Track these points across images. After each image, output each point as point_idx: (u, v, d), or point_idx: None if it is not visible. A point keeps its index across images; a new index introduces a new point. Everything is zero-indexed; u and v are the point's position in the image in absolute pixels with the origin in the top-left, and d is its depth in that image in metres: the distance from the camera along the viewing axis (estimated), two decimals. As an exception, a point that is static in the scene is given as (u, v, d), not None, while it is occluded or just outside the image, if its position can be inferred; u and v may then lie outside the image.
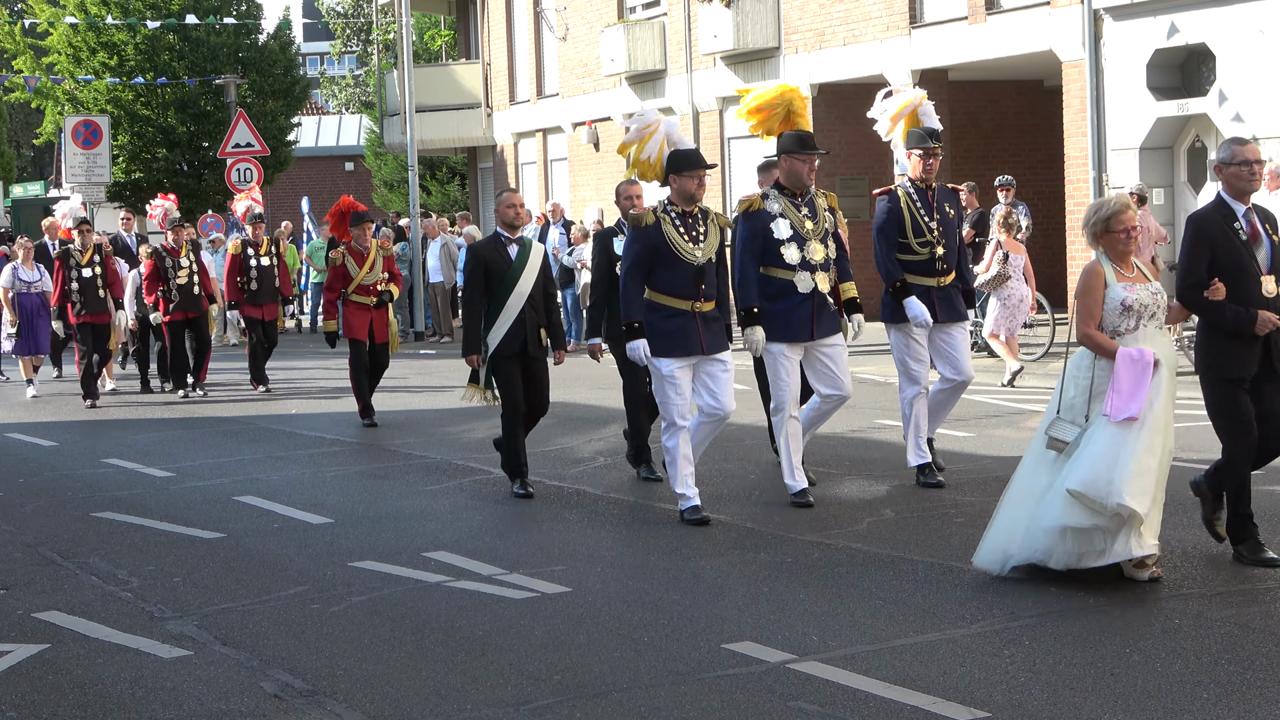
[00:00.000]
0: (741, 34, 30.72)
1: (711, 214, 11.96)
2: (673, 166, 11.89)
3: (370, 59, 66.41)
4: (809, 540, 10.95)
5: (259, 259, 22.80)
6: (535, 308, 13.17)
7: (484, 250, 13.36)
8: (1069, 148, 24.85)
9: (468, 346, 13.37)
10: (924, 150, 13.04)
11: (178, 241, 22.18)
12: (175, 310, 21.93)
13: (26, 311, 23.22)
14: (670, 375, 11.60)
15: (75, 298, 21.57)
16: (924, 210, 12.93)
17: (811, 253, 12.08)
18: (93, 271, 21.70)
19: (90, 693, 8.01)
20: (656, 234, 11.66)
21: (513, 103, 41.39)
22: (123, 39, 42.77)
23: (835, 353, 12.25)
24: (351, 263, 18.25)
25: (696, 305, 11.70)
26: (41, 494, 14.32)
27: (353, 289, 18.20)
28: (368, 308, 18.28)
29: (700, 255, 11.68)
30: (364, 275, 18.19)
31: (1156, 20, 22.91)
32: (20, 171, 76.31)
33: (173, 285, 21.88)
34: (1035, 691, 7.42)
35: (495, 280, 13.09)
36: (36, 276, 23.48)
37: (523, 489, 13.16)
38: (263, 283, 22.74)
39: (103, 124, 36.28)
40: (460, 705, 7.58)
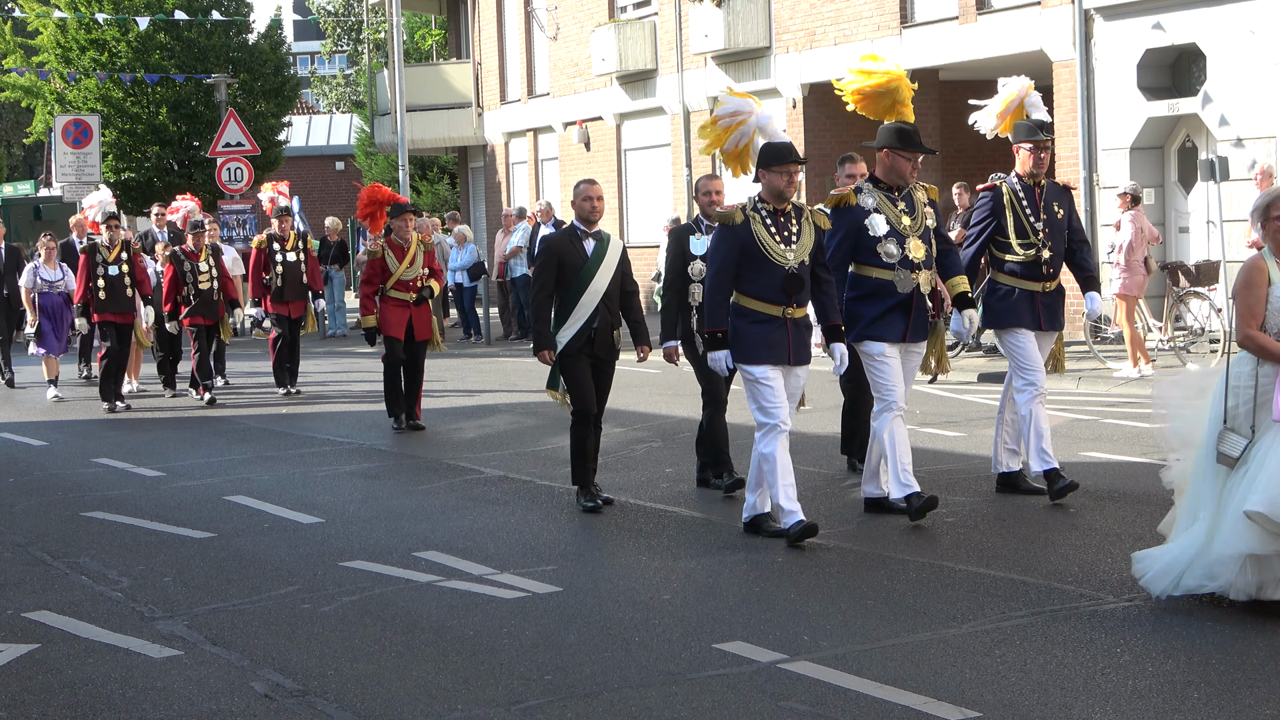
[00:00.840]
0: (732, 33, 30.73)
1: (806, 212, 11.17)
2: (763, 161, 11.11)
3: (361, 58, 66.39)
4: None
5: (284, 254, 21.84)
6: (610, 308, 12.43)
7: (558, 243, 12.53)
8: (1060, 148, 24.85)
9: (540, 342, 12.49)
10: (1034, 143, 12.28)
11: (198, 245, 21.40)
12: (192, 314, 21.23)
13: (48, 311, 22.61)
14: (764, 377, 10.92)
15: (100, 295, 20.61)
16: (1030, 209, 12.16)
17: (911, 250, 11.42)
18: (119, 269, 20.79)
19: (80, 692, 8.00)
20: (745, 234, 10.88)
21: (504, 102, 41.39)
22: (113, 36, 42.71)
23: (913, 362, 11.73)
24: (391, 256, 17.44)
25: (788, 311, 10.92)
26: (31, 494, 14.30)
27: (391, 284, 17.41)
28: (406, 304, 17.49)
29: (792, 257, 10.88)
30: (404, 270, 17.43)
31: (1147, 20, 22.93)
32: (10, 171, 76.21)
33: (190, 291, 21.18)
34: (1026, 691, 7.42)
35: (568, 275, 12.33)
36: (59, 276, 22.88)
37: (591, 500, 12.44)
38: (288, 279, 21.74)
39: (93, 123, 36.23)
40: (451, 705, 7.58)
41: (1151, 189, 23.17)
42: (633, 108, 35.55)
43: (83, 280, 20.80)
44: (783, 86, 30.60)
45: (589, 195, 12.47)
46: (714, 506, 12.30)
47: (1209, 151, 22.63)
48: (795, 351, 11.00)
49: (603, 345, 12.44)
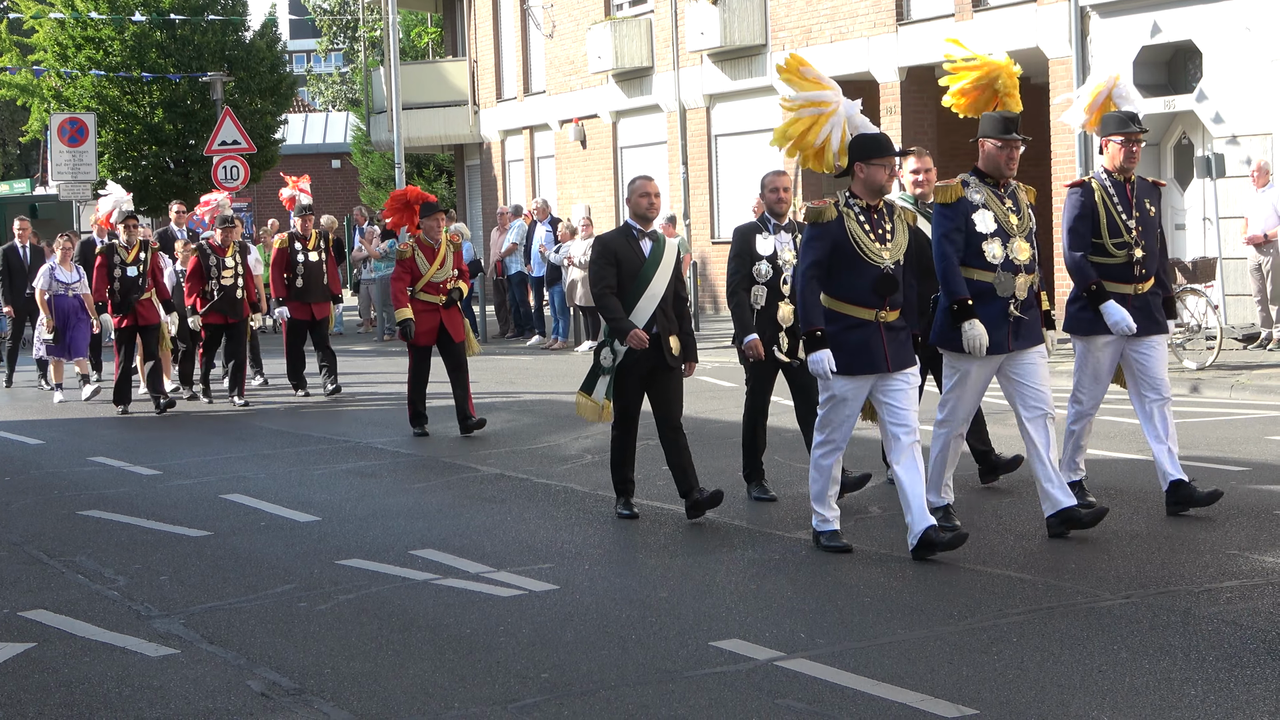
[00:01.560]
0: (728, 31, 30.73)
1: (898, 209, 10.47)
2: (858, 153, 10.31)
3: (357, 56, 66.36)
4: (796, 538, 10.94)
5: (306, 253, 21.14)
6: (666, 312, 11.71)
7: (614, 242, 11.77)
8: (1056, 145, 24.88)
9: (623, 328, 11.56)
10: (1125, 136, 11.18)
11: (225, 240, 20.78)
12: (212, 312, 20.62)
13: (63, 314, 21.92)
14: (843, 395, 10.23)
15: (116, 298, 20.00)
16: (1121, 206, 11.17)
17: (1016, 251, 10.53)
18: (138, 270, 20.12)
19: (77, 691, 7.99)
20: (839, 232, 10.12)
21: (500, 100, 41.38)
22: (109, 34, 42.69)
23: (1036, 366, 10.66)
24: (421, 258, 16.80)
25: (881, 314, 10.17)
26: (27, 492, 14.29)
27: (421, 286, 16.78)
28: (436, 307, 16.83)
29: (888, 257, 10.16)
30: (434, 272, 16.80)
31: (1143, 17, 22.94)
32: (6, 169, 76.20)
33: (214, 286, 20.58)
34: (1023, 689, 7.42)
35: (624, 278, 11.62)
36: (75, 278, 22.09)
37: (627, 509, 11.94)
38: (310, 279, 21.11)
39: (89, 121, 36.20)
40: (448, 703, 7.57)
41: (1147, 185, 23.13)
42: (629, 105, 35.54)
43: (100, 281, 20.19)
44: (779, 84, 30.55)
45: (645, 192, 11.77)
46: (711, 504, 12.29)
47: (1205, 148, 22.64)
48: (893, 357, 10.20)
49: (665, 352, 11.71)
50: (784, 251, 12.18)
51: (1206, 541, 10.26)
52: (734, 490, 12.81)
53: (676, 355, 11.76)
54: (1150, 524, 10.84)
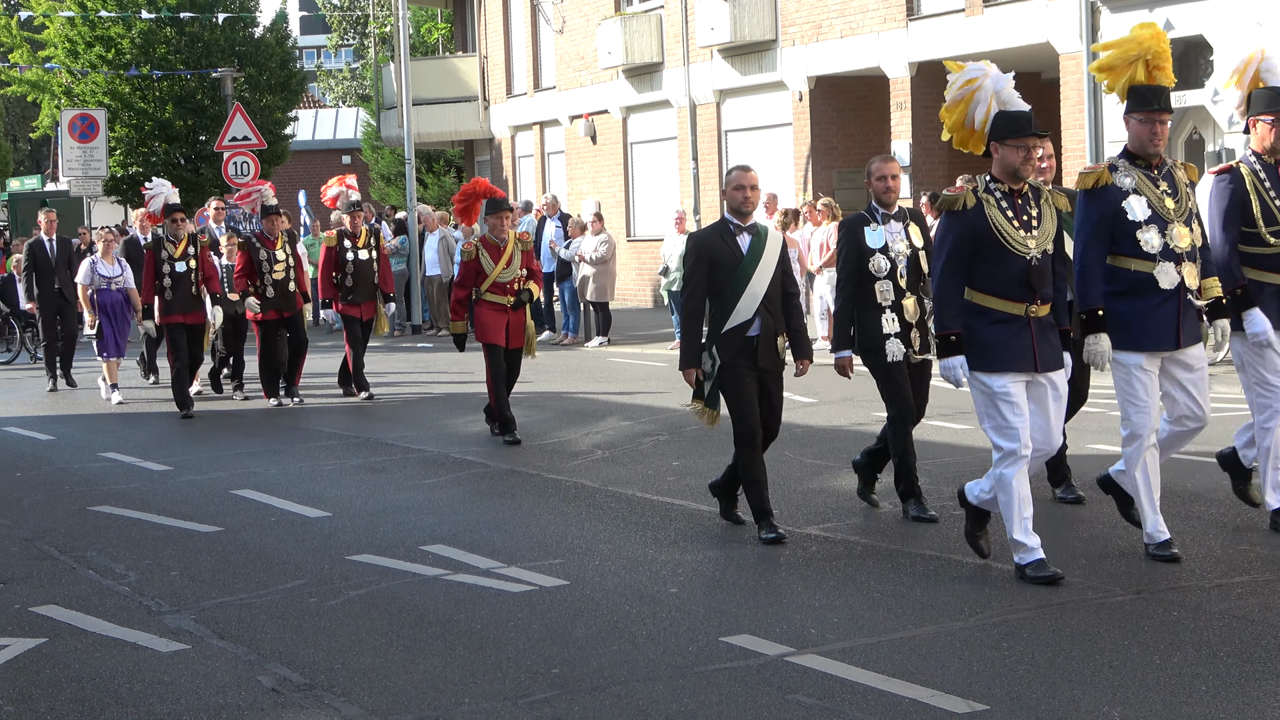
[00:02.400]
0: (738, 26, 30.72)
1: (1045, 193, 9.60)
2: (995, 132, 9.50)
3: (367, 52, 66.33)
4: (807, 533, 10.94)
5: (356, 251, 20.11)
6: (771, 311, 10.89)
7: (708, 240, 11.02)
8: (1066, 140, 24.85)
9: (687, 357, 11.03)
10: (1276, 115, 10.42)
11: (272, 232, 19.91)
12: (268, 309, 19.73)
13: (106, 310, 21.07)
14: (1004, 391, 9.23)
15: (166, 294, 19.13)
16: (1274, 190, 10.38)
17: (1176, 238, 9.59)
18: (187, 265, 19.25)
19: (88, 687, 8.00)
20: (978, 220, 9.31)
21: (510, 96, 41.40)
22: (119, 32, 42.74)
23: (1199, 368, 9.76)
24: (486, 257, 15.91)
25: (1031, 309, 9.29)
26: (39, 488, 14.31)
27: (486, 287, 15.89)
28: (503, 309, 15.92)
29: (1034, 246, 9.29)
30: (500, 271, 15.90)
31: (1153, 12, 22.88)
32: (17, 165, 76.29)
33: (267, 281, 19.68)
34: (1034, 684, 7.41)
35: (722, 277, 10.84)
36: (117, 272, 21.26)
37: (772, 532, 10.73)
38: (360, 278, 20.05)
39: (99, 118, 36.25)
40: (458, 699, 7.57)
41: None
42: (639, 101, 35.54)
43: (149, 279, 19.29)
44: (789, 79, 30.58)
45: (741, 184, 10.92)
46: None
47: (1216, 143, 22.61)
48: (1043, 356, 9.34)
49: (766, 356, 10.92)
50: (895, 243, 11.29)
51: (1217, 537, 10.25)
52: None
53: (783, 359, 11.06)
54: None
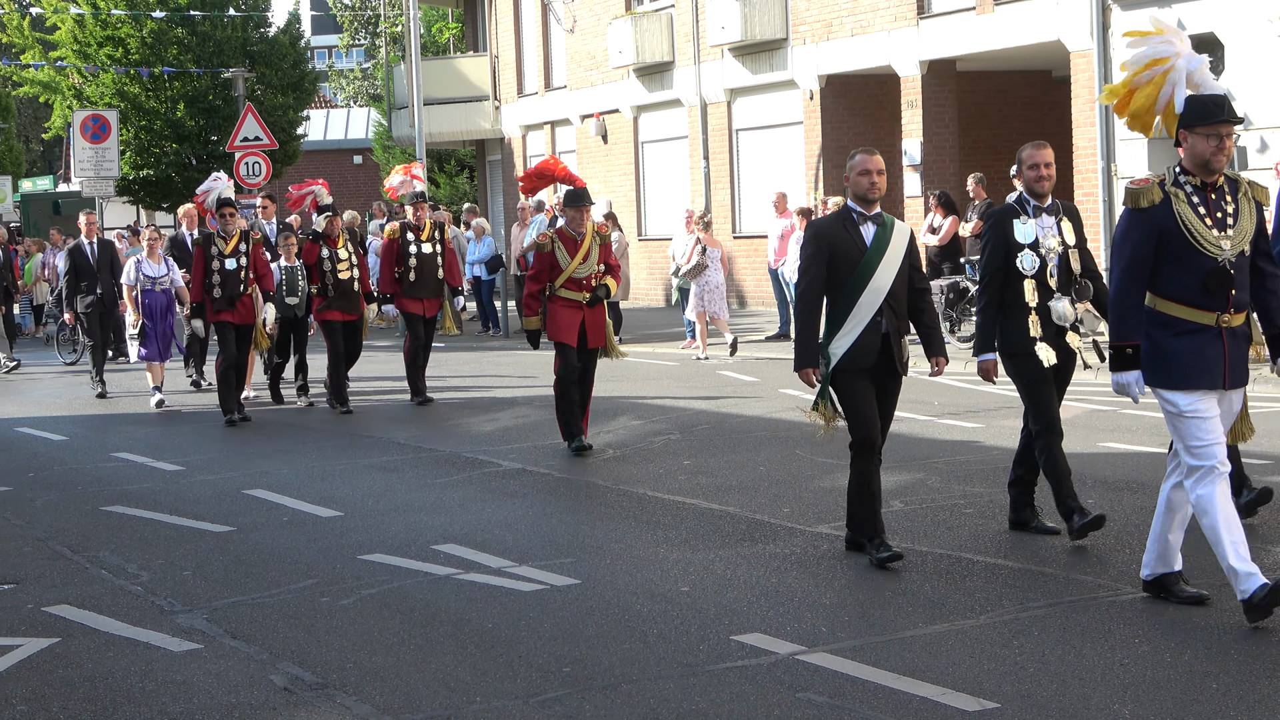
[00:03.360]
0: (749, 25, 30.72)
1: (1244, 185, 8.55)
2: (1184, 119, 8.52)
3: (378, 52, 66.39)
4: (818, 531, 10.94)
5: (419, 245, 19.40)
6: (896, 309, 10.00)
7: (829, 229, 10.07)
8: (1077, 138, 24.84)
9: (803, 356, 10.09)
10: None
11: (332, 230, 19.20)
12: (330, 309, 19.07)
13: (151, 312, 20.35)
14: (1192, 409, 8.27)
15: (216, 293, 18.30)
16: None
17: None
18: (237, 263, 18.39)
19: (100, 686, 8.02)
20: (1165, 216, 8.31)
21: (521, 95, 41.42)
22: (129, 32, 42.81)
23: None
24: (562, 250, 15.06)
25: (1223, 319, 8.33)
26: (51, 488, 14.34)
27: (561, 282, 15.05)
28: (578, 306, 15.03)
29: (1229, 246, 8.31)
30: (576, 266, 15.02)
31: (1164, 10, 22.87)
32: (29, 166, 76.42)
33: (329, 281, 18.99)
34: (1044, 682, 7.41)
35: (842, 269, 9.93)
36: (163, 271, 20.51)
37: (886, 551, 9.88)
38: (423, 273, 19.38)
39: (111, 118, 36.28)
40: (470, 697, 7.59)
41: (1169, 178, 23.11)
42: (650, 100, 35.55)
43: (198, 276, 18.45)
44: (800, 78, 30.58)
45: (867, 168, 9.99)
46: (731, 498, 12.29)
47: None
48: (1232, 371, 8.40)
49: (887, 359, 10.01)
50: (1046, 238, 10.29)
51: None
52: (753, 484, 12.82)
53: (904, 360, 10.14)
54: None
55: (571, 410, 15.03)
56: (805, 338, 10.12)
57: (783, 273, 24.93)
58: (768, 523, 11.37)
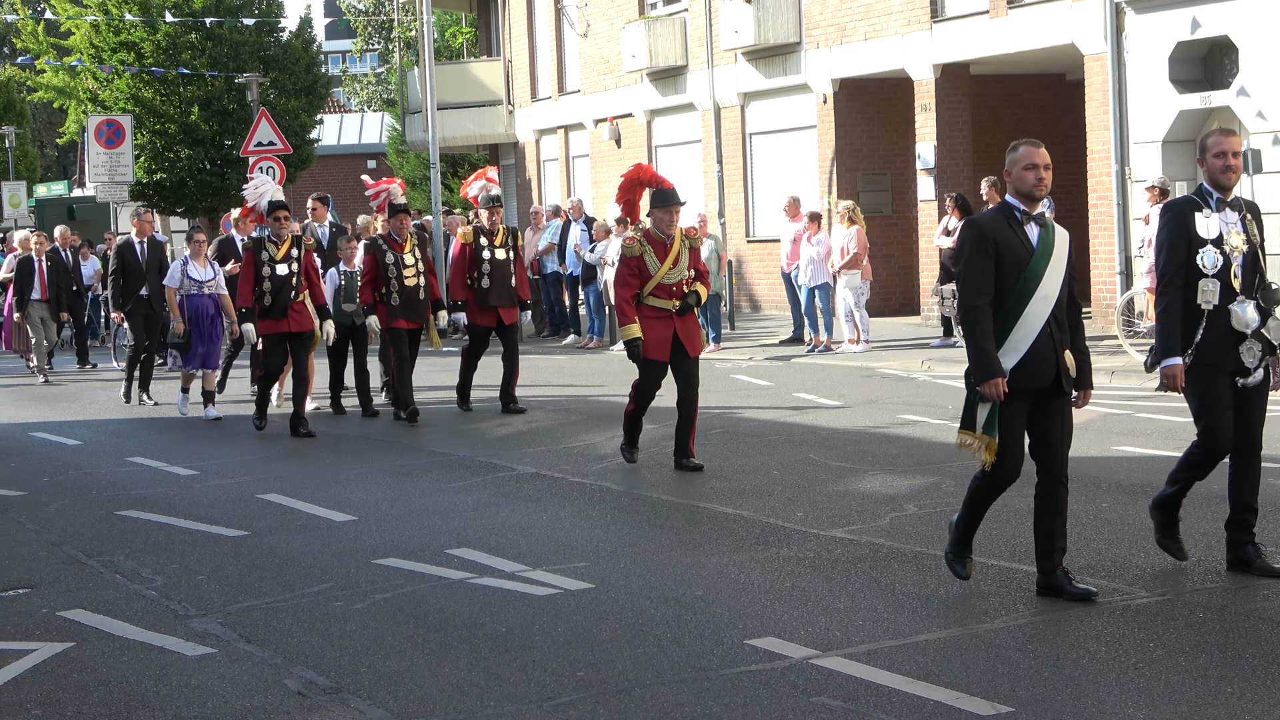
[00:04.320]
0: (762, 29, 30.73)
1: None
2: None
3: (392, 57, 66.50)
4: (832, 535, 10.94)
5: (493, 250, 18.43)
6: (1060, 320, 8.91)
7: (992, 226, 8.85)
8: (1091, 141, 24.82)
9: (988, 365, 8.72)
10: None
11: (400, 233, 18.09)
12: (394, 319, 18.04)
13: (195, 316, 19.23)
14: None
15: (266, 300, 17.47)
16: None
17: None
18: (289, 269, 17.53)
19: (115, 690, 8.03)
20: None
21: (534, 100, 41.45)
22: (142, 36, 42.88)
23: None
24: (651, 255, 14.01)
25: None
26: (66, 493, 14.36)
27: (650, 289, 14.00)
28: (668, 315, 13.99)
29: None
30: (665, 272, 14.01)
31: (1178, 13, 22.86)
32: (44, 171, 76.61)
33: (394, 288, 17.94)
34: (1059, 686, 7.41)
35: (1008, 273, 8.79)
36: (210, 275, 19.40)
37: (962, 568, 9.33)
38: (497, 280, 18.41)
39: (126, 123, 36.34)
40: (483, 702, 7.59)
41: (1184, 182, 23.08)
42: (663, 104, 35.57)
43: (248, 283, 17.56)
44: (813, 82, 30.57)
45: (1034, 162, 8.89)
46: (745, 502, 12.29)
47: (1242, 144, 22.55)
48: None
49: (1055, 374, 8.91)
50: (1231, 235, 9.24)
51: (1243, 539, 10.21)
52: (767, 488, 12.82)
53: (1073, 377, 9.01)
54: (1186, 521, 10.77)
55: (639, 422, 14.43)
56: (984, 346, 8.74)
57: (795, 276, 24.94)
58: (782, 527, 11.36)
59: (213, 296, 19.36)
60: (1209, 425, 9.22)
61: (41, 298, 25.78)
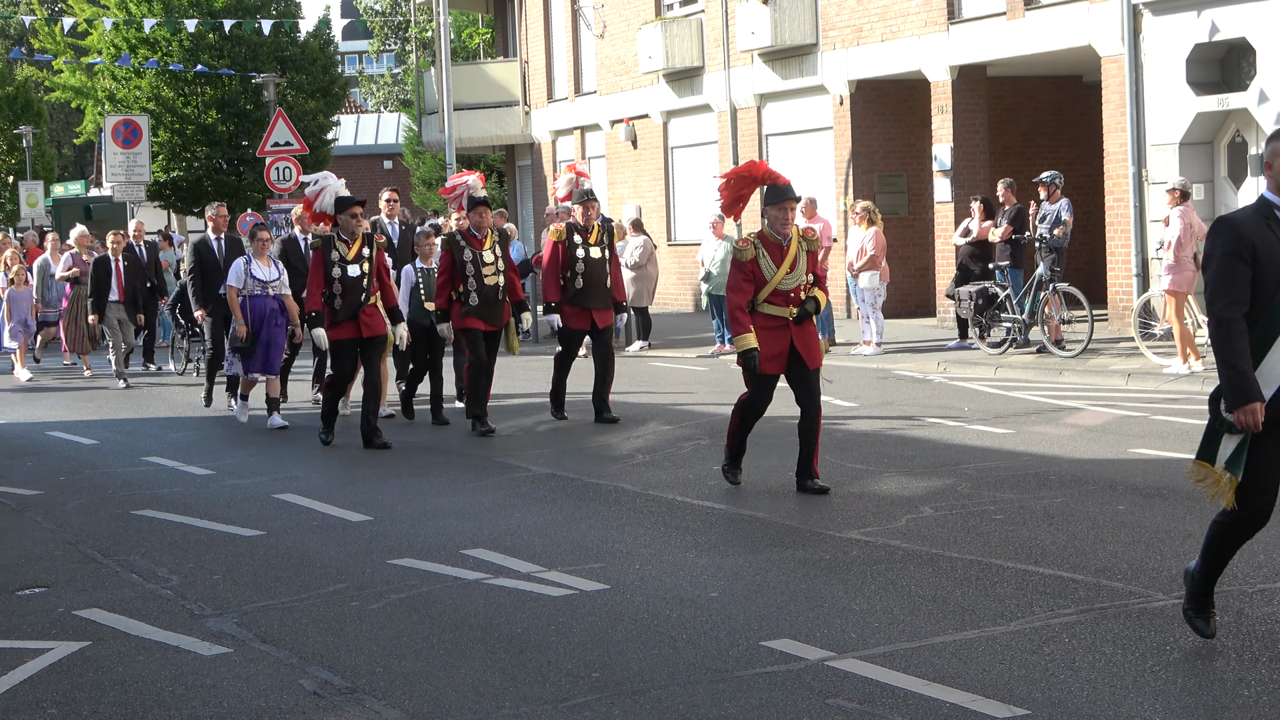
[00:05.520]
0: (779, 30, 30.70)
1: None
2: None
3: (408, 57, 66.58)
4: (848, 537, 10.92)
5: (588, 248, 17.39)
6: None
7: (1249, 228, 7.57)
8: (1108, 143, 24.77)
9: (1247, 388, 7.44)
10: None
11: (481, 228, 16.97)
12: (469, 316, 16.88)
13: (258, 318, 18.22)
14: None
15: (336, 303, 16.19)
16: None
17: None
18: (360, 269, 16.27)
19: (131, 690, 8.04)
20: None
21: (550, 100, 41.46)
22: (163, 36, 42.97)
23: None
24: (766, 258, 12.64)
25: None
26: (82, 492, 14.38)
27: (765, 295, 12.64)
28: (784, 324, 12.65)
29: None
30: (782, 277, 12.60)
31: (1196, 14, 22.81)
32: (61, 171, 76.77)
33: (471, 286, 16.80)
34: (1075, 689, 7.39)
35: (1268, 280, 7.50)
36: (274, 275, 18.32)
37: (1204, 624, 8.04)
38: (591, 280, 17.35)
39: (142, 123, 36.43)
40: (499, 703, 7.59)
41: (1201, 184, 23.05)
42: (679, 105, 35.55)
43: (317, 284, 16.23)
44: (830, 83, 30.55)
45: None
46: (761, 503, 12.28)
47: (1259, 146, 22.51)
48: None
49: None
50: None
51: (1260, 542, 10.17)
52: (782, 489, 12.80)
53: None
54: (1203, 524, 10.72)
55: (744, 441, 13.16)
56: (1239, 366, 7.45)
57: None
58: (797, 528, 11.35)
59: (277, 297, 18.37)
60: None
61: (119, 298, 24.26)
